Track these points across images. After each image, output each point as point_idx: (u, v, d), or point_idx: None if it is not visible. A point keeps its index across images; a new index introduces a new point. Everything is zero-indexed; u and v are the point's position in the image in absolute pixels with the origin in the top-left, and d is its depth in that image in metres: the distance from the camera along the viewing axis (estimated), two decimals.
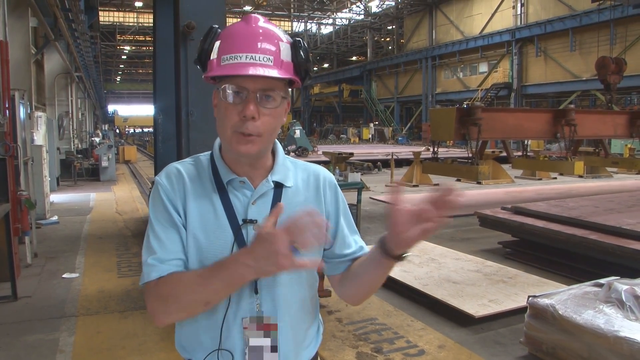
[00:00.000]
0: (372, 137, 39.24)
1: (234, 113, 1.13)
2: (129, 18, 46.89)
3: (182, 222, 1.19)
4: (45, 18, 10.35)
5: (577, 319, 3.11)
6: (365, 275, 1.25)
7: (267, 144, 1.19)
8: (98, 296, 4.79)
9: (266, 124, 1.14)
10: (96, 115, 38.75)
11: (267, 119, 1.14)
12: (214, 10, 4.03)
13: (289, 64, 1.15)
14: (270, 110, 1.14)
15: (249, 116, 1.11)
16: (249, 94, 1.12)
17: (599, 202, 7.00)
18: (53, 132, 11.80)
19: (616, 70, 11.13)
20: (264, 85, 1.12)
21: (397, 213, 1.06)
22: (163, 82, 6.36)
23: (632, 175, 16.08)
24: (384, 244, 1.13)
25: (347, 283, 1.32)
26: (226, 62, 1.12)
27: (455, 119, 8.26)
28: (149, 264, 1.16)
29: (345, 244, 1.33)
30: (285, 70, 1.14)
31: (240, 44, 1.12)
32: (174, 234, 1.18)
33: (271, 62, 1.12)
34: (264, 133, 1.15)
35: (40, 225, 7.65)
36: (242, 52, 1.11)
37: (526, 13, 29.68)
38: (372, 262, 1.21)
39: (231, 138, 1.15)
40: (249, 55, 1.11)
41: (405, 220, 1.05)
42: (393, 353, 3.59)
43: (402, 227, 1.06)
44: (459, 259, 5.71)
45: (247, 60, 1.11)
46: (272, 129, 1.17)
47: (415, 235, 1.05)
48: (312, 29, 53.36)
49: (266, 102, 1.13)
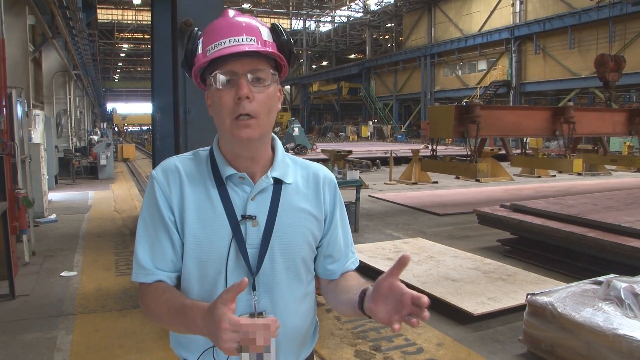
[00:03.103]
0: (371, 135, 39.20)
1: (228, 99, 1.14)
2: (128, 16, 46.81)
3: (174, 220, 1.20)
4: (42, 16, 10.33)
5: (576, 317, 3.10)
6: (342, 304, 1.25)
7: (265, 127, 1.18)
8: (96, 294, 4.78)
9: (261, 104, 1.15)
10: (94, 113, 38.65)
11: (261, 97, 1.15)
12: (212, 7, 4.01)
13: (272, 44, 1.18)
14: (262, 89, 1.15)
15: (243, 96, 1.12)
16: (239, 77, 1.13)
17: (597, 199, 7.00)
18: (51, 130, 11.78)
19: (615, 68, 11.14)
20: (252, 65, 1.14)
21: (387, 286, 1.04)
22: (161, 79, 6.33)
23: (631, 172, 16.10)
24: (363, 301, 1.11)
25: (330, 295, 1.33)
26: (212, 51, 1.14)
27: (454, 116, 8.25)
28: (139, 265, 1.21)
29: (336, 247, 1.33)
30: (270, 48, 1.17)
31: (222, 31, 1.15)
32: (164, 236, 1.20)
33: (254, 42, 1.14)
34: (261, 114, 1.15)
35: (38, 224, 7.64)
36: (225, 38, 1.14)
37: (525, 11, 29.66)
38: (350, 299, 1.18)
39: (230, 126, 1.15)
40: (232, 39, 1.13)
41: (389, 295, 1.04)
42: (391, 351, 3.58)
43: (381, 300, 1.05)
44: (458, 257, 5.71)
45: (231, 43, 1.13)
46: (268, 110, 1.17)
47: (384, 315, 1.04)
48: (311, 27, 53.30)
49: (257, 83, 1.15)
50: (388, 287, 1.04)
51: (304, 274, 1.27)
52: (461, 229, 7.83)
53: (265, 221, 1.20)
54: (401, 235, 7.41)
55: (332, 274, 1.34)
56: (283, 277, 1.22)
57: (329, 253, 1.32)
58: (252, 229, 1.19)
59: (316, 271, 1.35)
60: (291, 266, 1.23)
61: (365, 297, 1.11)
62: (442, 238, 7.06)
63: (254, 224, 1.19)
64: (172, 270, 1.21)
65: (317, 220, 1.28)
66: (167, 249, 1.20)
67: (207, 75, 1.18)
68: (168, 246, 1.20)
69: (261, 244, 1.19)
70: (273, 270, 1.20)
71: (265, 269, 1.20)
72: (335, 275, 1.34)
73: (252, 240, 1.19)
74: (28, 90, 9.78)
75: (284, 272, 1.22)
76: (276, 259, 1.21)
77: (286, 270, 1.22)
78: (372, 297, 1.07)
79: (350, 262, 1.36)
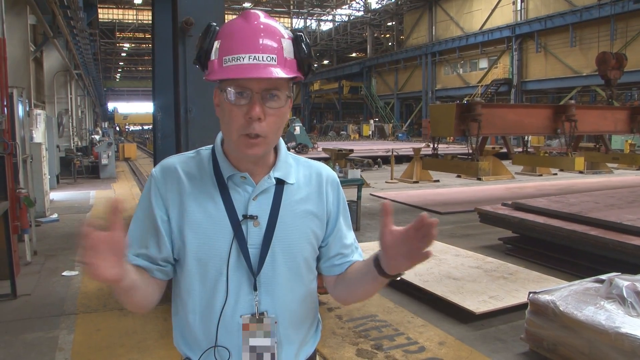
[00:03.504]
0: (372, 134, 39.21)
1: (239, 115, 1.10)
2: (129, 15, 46.78)
3: (167, 221, 1.20)
4: (43, 15, 10.34)
5: (578, 315, 3.10)
6: (360, 285, 1.26)
7: (272, 144, 1.18)
8: (97, 294, 4.78)
9: (271, 125, 1.12)
10: (96, 112, 38.71)
11: (272, 119, 1.12)
12: (213, 6, 4.01)
13: (292, 62, 1.12)
14: (275, 110, 1.12)
15: (254, 117, 1.09)
16: (253, 94, 1.09)
17: (599, 197, 6.98)
18: (52, 130, 11.77)
19: (616, 65, 11.13)
20: (268, 85, 1.10)
21: (389, 235, 1.09)
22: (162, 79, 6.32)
23: (633, 170, 16.07)
24: (378, 263, 1.14)
25: (341, 287, 1.33)
26: (228, 64, 1.09)
27: (455, 115, 8.24)
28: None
29: (342, 245, 1.32)
30: (289, 68, 1.11)
31: (242, 43, 1.08)
32: (153, 237, 1.20)
33: (275, 61, 1.08)
34: (270, 134, 1.13)
35: (40, 223, 7.64)
36: (244, 53, 1.07)
37: (526, 9, 29.64)
38: (367, 275, 1.21)
39: (238, 141, 1.13)
40: (252, 56, 1.07)
41: (395, 243, 1.08)
42: (393, 350, 3.58)
43: (393, 251, 1.09)
44: (459, 255, 5.70)
45: (250, 61, 1.07)
46: (277, 129, 1.16)
47: (404, 263, 1.09)
48: (312, 26, 53.26)
49: (271, 102, 1.11)
50: (390, 236, 1.09)
51: (305, 274, 1.26)
52: (463, 227, 7.83)
53: (266, 221, 1.19)
54: None
55: (339, 268, 1.33)
56: (284, 277, 1.21)
57: (337, 252, 1.32)
58: (254, 229, 1.18)
59: (322, 270, 1.34)
60: (293, 266, 1.22)
61: (380, 262, 1.14)
62: (443, 236, 7.05)
63: (256, 224, 1.18)
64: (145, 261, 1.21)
65: (319, 220, 1.27)
66: (154, 251, 1.20)
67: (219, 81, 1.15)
68: (154, 248, 1.20)
69: (262, 244, 1.18)
70: (274, 271, 1.20)
71: (266, 269, 1.19)
72: (342, 268, 1.33)
73: (253, 241, 1.18)
74: (29, 90, 9.80)
75: (286, 272, 1.21)
76: (277, 259, 1.20)
77: (288, 270, 1.22)
78: (385, 255, 1.12)
79: (356, 255, 1.36)
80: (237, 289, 1.18)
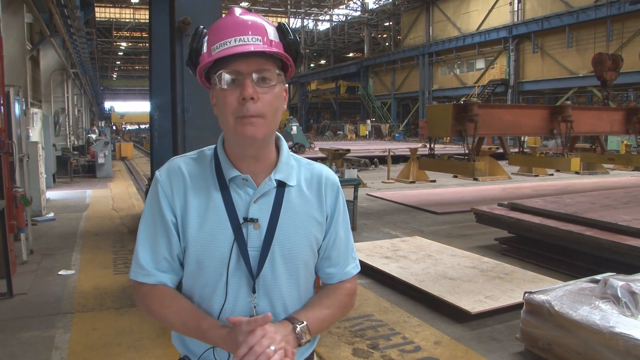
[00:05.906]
0: (369, 134, 39.20)
1: (232, 99, 1.12)
2: (126, 14, 46.64)
3: (176, 223, 1.20)
4: (40, 14, 10.31)
5: (573, 315, 3.11)
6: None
7: (271, 127, 1.17)
8: (94, 293, 4.77)
9: (267, 105, 1.13)
10: (93, 111, 38.54)
11: (267, 97, 1.13)
12: (210, 6, 4.01)
13: (278, 44, 1.15)
14: (267, 89, 1.13)
15: (247, 97, 1.10)
16: (244, 76, 1.11)
17: (595, 198, 7.02)
18: (49, 129, 11.74)
19: (613, 66, 11.16)
20: (258, 65, 1.12)
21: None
22: (159, 78, 6.33)
23: (628, 171, 16.14)
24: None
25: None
26: (217, 50, 1.12)
27: (452, 115, 8.25)
28: (139, 265, 1.21)
29: (335, 249, 1.31)
30: (276, 48, 1.14)
31: (229, 31, 1.12)
32: (164, 237, 1.20)
33: (260, 42, 1.12)
34: (266, 114, 1.14)
35: (36, 222, 7.63)
36: (230, 37, 1.11)
37: (523, 9, 29.68)
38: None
39: (234, 125, 1.13)
40: (238, 38, 1.11)
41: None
42: (389, 349, 3.59)
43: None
44: (456, 255, 5.72)
45: (237, 43, 1.11)
46: (274, 110, 1.16)
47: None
48: (309, 26, 53.24)
49: (263, 83, 1.13)
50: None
51: (304, 277, 1.27)
52: (459, 227, 7.85)
53: (267, 224, 1.19)
54: (399, 233, 7.42)
55: (330, 277, 1.32)
56: (283, 281, 1.22)
57: (328, 255, 1.31)
58: (254, 231, 1.18)
59: (317, 273, 1.34)
60: (292, 270, 1.23)
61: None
62: (439, 236, 7.07)
63: (256, 227, 1.18)
64: (171, 272, 1.22)
65: (319, 224, 1.27)
66: (165, 252, 1.20)
67: (212, 74, 1.17)
68: (165, 249, 1.20)
69: (262, 247, 1.19)
70: (273, 274, 1.20)
71: (265, 273, 1.19)
72: (333, 279, 1.32)
73: (253, 243, 1.18)
74: (26, 89, 9.77)
75: (285, 275, 1.22)
76: (277, 262, 1.20)
77: (287, 273, 1.22)
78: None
79: (350, 267, 1.34)
80: (236, 291, 1.18)
